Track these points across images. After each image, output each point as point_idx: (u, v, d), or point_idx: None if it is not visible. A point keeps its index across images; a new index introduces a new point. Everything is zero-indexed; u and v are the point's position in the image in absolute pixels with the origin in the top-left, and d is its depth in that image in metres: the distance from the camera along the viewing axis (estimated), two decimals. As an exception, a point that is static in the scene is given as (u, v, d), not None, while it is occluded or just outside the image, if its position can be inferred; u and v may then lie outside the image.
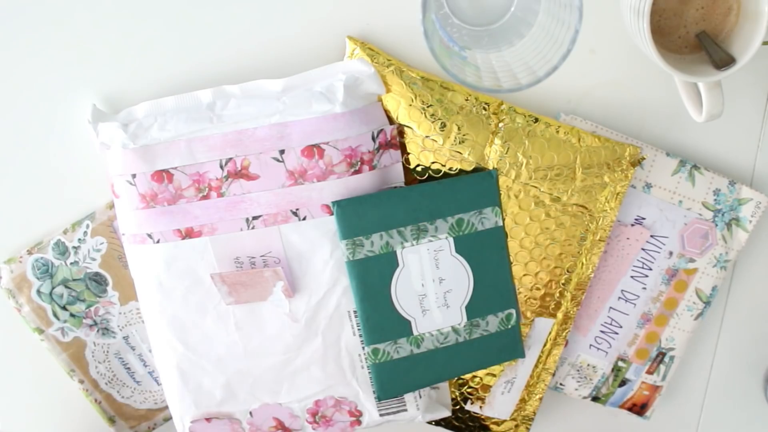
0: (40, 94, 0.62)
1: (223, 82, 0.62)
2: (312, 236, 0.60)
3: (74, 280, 0.64)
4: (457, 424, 0.69)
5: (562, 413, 0.73)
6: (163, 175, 0.58)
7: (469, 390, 0.67)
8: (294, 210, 0.59)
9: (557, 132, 0.62)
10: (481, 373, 0.67)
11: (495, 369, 0.66)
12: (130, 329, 0.66)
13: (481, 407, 0.68)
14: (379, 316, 0.61)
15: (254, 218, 0.59)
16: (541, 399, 0.68)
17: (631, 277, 0.67)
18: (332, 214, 0.59)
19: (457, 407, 0.68)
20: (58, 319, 0.65)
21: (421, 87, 0.61)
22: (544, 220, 0.63)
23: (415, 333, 0.62)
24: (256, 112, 0.58)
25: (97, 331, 0.66)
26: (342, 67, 0.60)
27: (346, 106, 0.58)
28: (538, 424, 0.72)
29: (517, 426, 0.69)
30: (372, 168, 0.60)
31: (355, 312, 0.62)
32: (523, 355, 0.65)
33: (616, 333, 0.68)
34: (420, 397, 0.65)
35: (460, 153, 0.62)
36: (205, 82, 0.62)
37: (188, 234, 0.59)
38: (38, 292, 0.64)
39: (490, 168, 0.62)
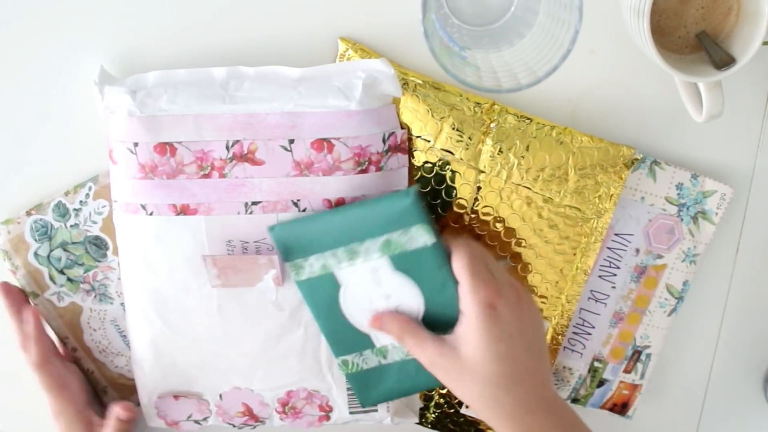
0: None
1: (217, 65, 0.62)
2: None
3: (73, 243, 0.64)
4: (452, 427, 0.69)
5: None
6: (166, 148, 0.58)
7: None
8: (295, 200, 0.59)
9: (550, 132, 0.62)
10: None
11: None
12: None
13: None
14: (338, 331, 0.60)
15: (253, 203, 0.59)
16: None
17: (600, 276, 0.67)
18: (332, 208, 0.59)
19: (453, 411, 0.68)
20: (54, 283, 0.64)
21: (413, 87, 0.61)
22: (536, 221, 0.63)
23: (378, 345, 0.61)
24: (270, 97, 0.58)
25: (95, 296, 0.65)
26: (362, 65, 0.59)
27: (362, 105, 0.58)
28: None
29: None
30: (378, 169, 0.60)
31: None
32: None
33: (589, 334, 0.68)
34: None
35: (452, 153, 0.62)
36: (217, 60, 0.62)
37: (183, 210, 0.59)
38: (35, 254, 0.63)
39: (481, 168, 0.62)
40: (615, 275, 0.67)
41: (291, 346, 0.62)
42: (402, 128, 0.61)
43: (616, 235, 0.66)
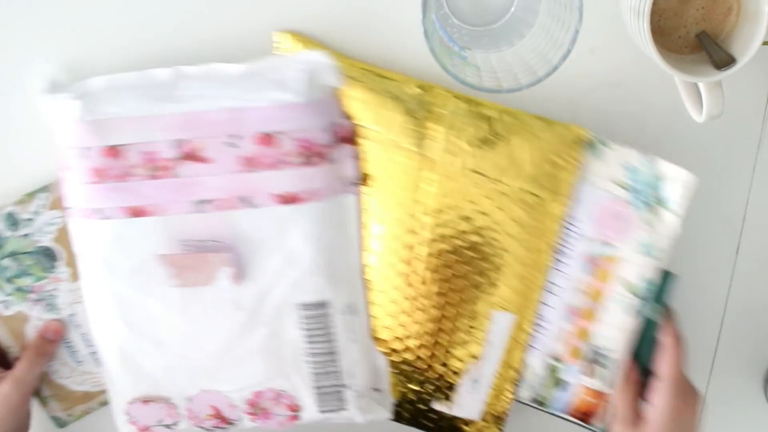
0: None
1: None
2: (262, 225, 0.59)
3: (24, 253, 0.63)
4: (427, 423, 0.68)
5: (539, 418, 0.72)
6: (115, 151, 0.58)
7: (433, 388, 0.67)
8: (244, 197, 0.59)
9: (500, 116, 0.61)
10: (443, 369, 0.66)
11: (459, 366, 0.66)
12: (78, 307, 0.64)
13: (449, 407, 0.67)
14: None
15: (205, 202, 0.59)
16: (511, 399, 0.66)
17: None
18: (283, 203, 0.59)
19: (426, 408, 0.68)
20: (1, 291, 0.63)
21: (357, 77, 0.61)
22: (494, 209, 0.62)
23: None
24: (213, 95, 0.58)
25: (42, 306, 0.64)
26: (303, 57, 0.60)
27: (303, 97, 0.58)
28: (516, 428, 0.71)
29: (488, 427, 0.68)
30: (327, 161, 0.59)
31: (303, 305, 0.62)
32: None
33: (544, 328, 0.66)
34: (361, 397, 0.65)
35: (399, 141, 0.61)
36: (167, 61, 0.62)
37: (137, 213, 0.59)
38: None
39: (434, 157, 0.61)
40: (566, 264, 0.64)
41: (254, 346, 0.62)
42: (348, 119, 0.61)
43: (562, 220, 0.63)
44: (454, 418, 0.68)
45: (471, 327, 0.65)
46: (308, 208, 0.59)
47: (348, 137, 0.61)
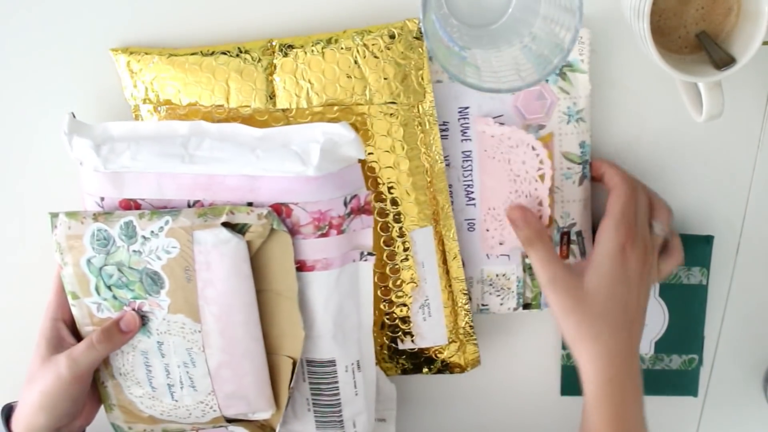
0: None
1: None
2: None
3: (130, 268, 0.59)
4: (404, 363, 0.68)
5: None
6: (130, 204, 0.58)
7: (391, 329, 0.66)
8: None
9: (328, 43, 0.60)
10: (389, 307, 0.65)
11: (403, 298, 0.65)
12: (168, 338, 0.61)
13: (413, 341, 0.66)
14: None
15: None
16: (468, 310, 0.65)
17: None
18: (296, 270, 0.59)
19: (395, 349, 0.67)
20: (99, 294, 0.61)
21: (191, 63, 0.61)
22: (361, 133, 0.61)
23: None
24: (229, 158, 0.57)
25: None
26: (323, 128, 0.59)
27: (320, 171, 0.57)
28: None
29: (461, 345, 0.67)
30: (340, 232, 0.59)
31: (309, 362, 0.62)
32: (695, 394, 0.71)
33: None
34: (354, 426, 0.64)
35: (248, 106, 0.61)
36: None
37: None
38: (88, 261, 0.60)
39: (282, 107, 0.61)
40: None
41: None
42: (367, 189, 0.60)
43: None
44: (425, 350, 0.67)
45: (396, 255, 0.64)
46: (319, 276, 0.59)
47: (365, 207, 0.60)
